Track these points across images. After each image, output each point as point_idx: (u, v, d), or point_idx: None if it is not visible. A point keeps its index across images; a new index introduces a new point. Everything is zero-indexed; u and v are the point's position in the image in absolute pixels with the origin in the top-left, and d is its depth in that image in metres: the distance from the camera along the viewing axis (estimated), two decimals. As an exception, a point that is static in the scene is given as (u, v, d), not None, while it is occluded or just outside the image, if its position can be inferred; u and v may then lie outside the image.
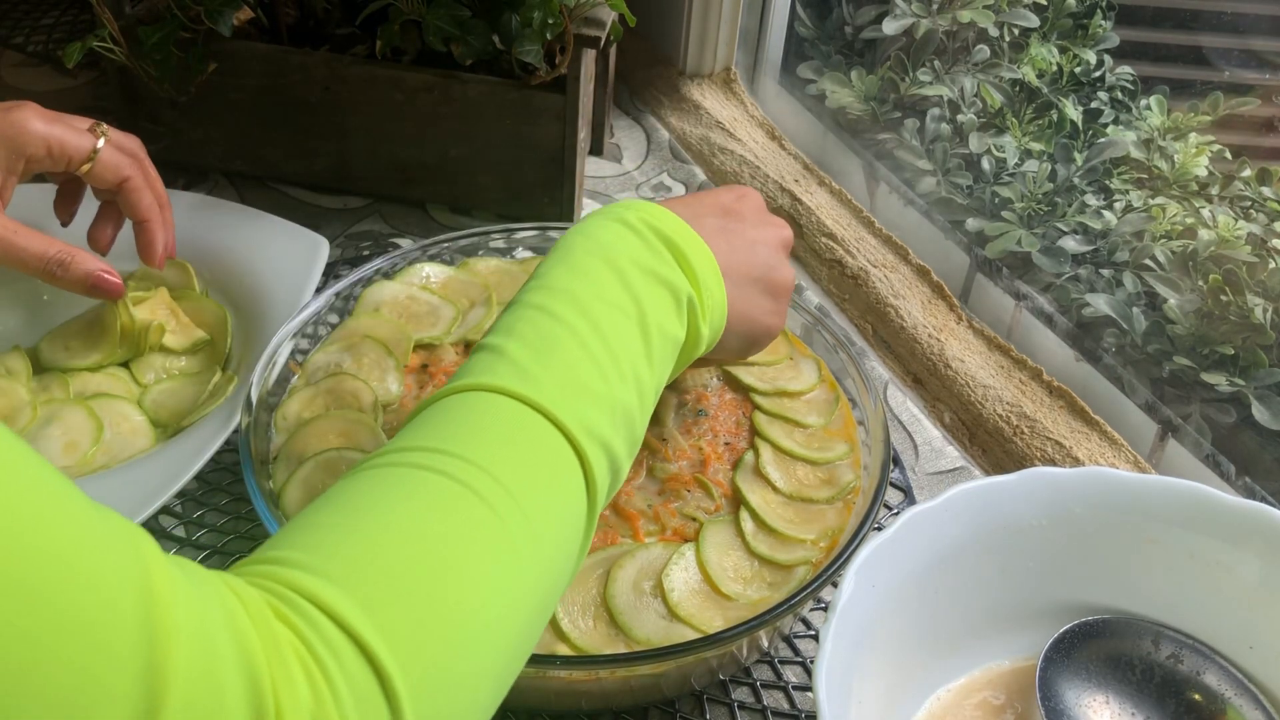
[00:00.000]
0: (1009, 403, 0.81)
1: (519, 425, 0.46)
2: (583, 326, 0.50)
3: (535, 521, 0.43)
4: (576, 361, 0.49)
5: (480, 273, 0.80)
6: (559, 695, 0.60)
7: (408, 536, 0.40)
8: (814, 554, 0.64)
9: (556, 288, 0.52)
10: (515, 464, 0.44)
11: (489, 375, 0.47)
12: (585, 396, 0.48)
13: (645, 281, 0.53)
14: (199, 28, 0.86)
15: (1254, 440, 0.76)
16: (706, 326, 0.56)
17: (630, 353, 0.51)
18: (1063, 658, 0.58)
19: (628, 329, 0.51)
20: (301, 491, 0.64)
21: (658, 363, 0.52)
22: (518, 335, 0.49)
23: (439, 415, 0.46)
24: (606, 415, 0.48)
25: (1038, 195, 0.92)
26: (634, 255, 0.54)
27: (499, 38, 0.85)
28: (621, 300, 0.52)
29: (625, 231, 0.55)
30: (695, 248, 0.56)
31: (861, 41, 1.08)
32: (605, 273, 0.52)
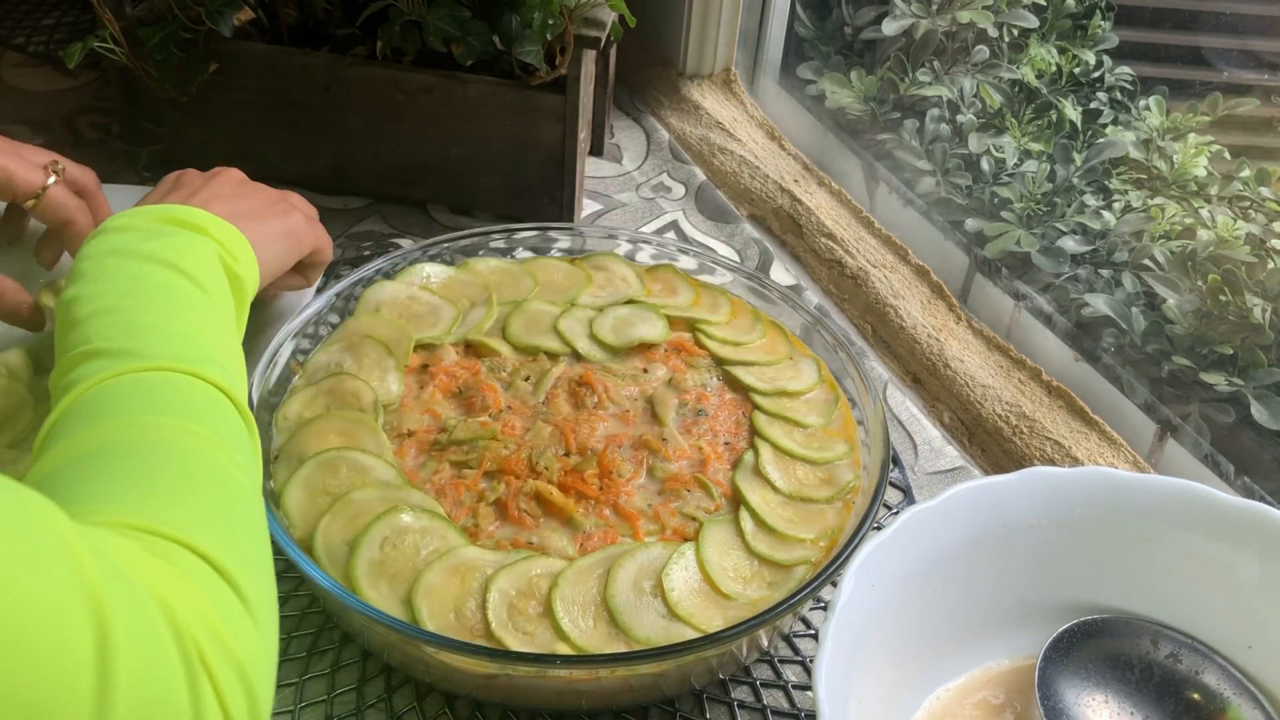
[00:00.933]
0: (1008, 402, 0.81)
1: (163, 383, 0.52)
2: (135, 301, 0.55)
3: (227, 441, 0.51)
4: (151, 324, 0.54)
5: (480, 273, 0.80)
6: (559, 695, 0.60)
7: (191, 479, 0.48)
8: (814, 553, 0.64)
9: (91, 295, 0.55)
10: (177, 409, 0.51)
11: (100, 372, 0.52)
12: (177, 341, 0.54)
13: (184, 257, 0.58)
14: (200, 28, 0.86)
15: (1253, 440, 0.76)
16: (243, 266, 0.62)
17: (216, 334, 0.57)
18: (1062, 657, 0.58)
19: (175, 283, 0.57)
20: (302, 491, 0.64)
21: (231, 321, 0.59)
22: (97, 338, 0.53)
23: (106, 399, 0.51)
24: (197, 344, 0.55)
25: (1037, 195, 0.92)
26: (163, 241, 0.59)
27: (499, 38, 0.86)
28: (152, 270, 0.57)
29: (122, 234, 0.59)
30: (189, 212, 0.61)
31: (861, 42, 1.08)
32: (127, 262, 0.57)
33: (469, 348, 0.75)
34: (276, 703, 0.61)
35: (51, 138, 1.03)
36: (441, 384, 0.72)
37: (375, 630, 0.58)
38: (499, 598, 0.59)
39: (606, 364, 0.74)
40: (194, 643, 0.40)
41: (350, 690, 0.62)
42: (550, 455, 0.67)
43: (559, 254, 0.84)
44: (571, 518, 0.64)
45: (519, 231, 0.82)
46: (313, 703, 0.61)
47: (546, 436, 0.68)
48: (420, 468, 0.67)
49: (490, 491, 0.65)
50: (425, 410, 0.70)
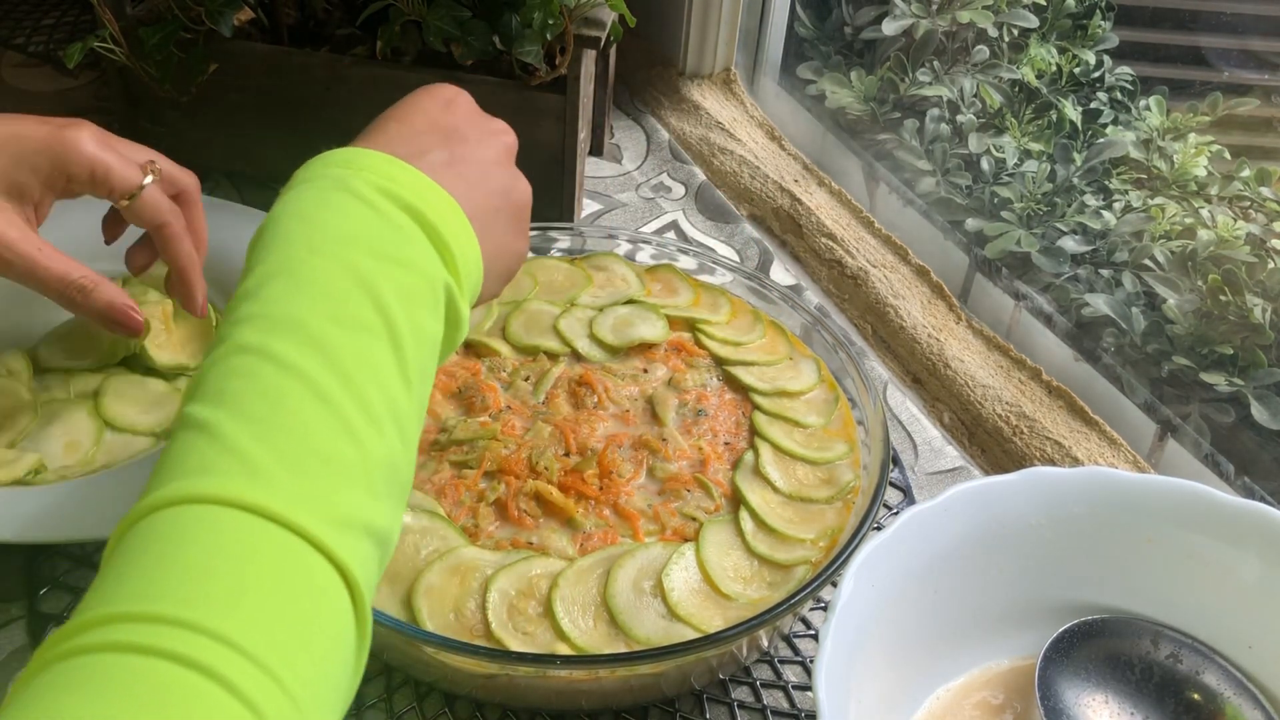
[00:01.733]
0: (1008, 402, 0.81)
1: (254, 552, 0.36)
2: (317, 369, 0.40)
3: (299, 695, 0.34)
4: (315, 429, 0.39)
5: (480, 273, 0.80)
6: (559, 695, 0.60)
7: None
8: (814, 554, 0.64)
9: (275, 315, 0.41)
10: (259, 616, 0.34)
11: (201, 476, 0.37)
12: (333, 477, 0.38)
13: (392, 275, 0.43)
14: (200, 28, 0.86)
15: (1253, 440, 0.76)
16: (465, 306, 0.47)
17: (383, 384, 0.41)
18: (1062, 657, 0.58)
19: (376, 352, 0.42)
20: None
21: (417, 379, 0.43)
22: (231, 402, 0.39)
23: (143, 550, 0.35)
24: (362, 488, 0.39)
25: (1037, 195, 0.92)
26: (372, 242, 0.44)
27: (499, 38, 0.86)
28: (363, 313, 0.42)
29: (356, 206, 0.45)
30: (442, 210, 0.46)
31: (861, 42, 1.08)
32: (338, 276, 0.42)
33: (469, 348, 0.75)
34: (276, 703, 0.61)
35: (51, 138, 1.03)
36: (441, 384, 0.72)
37: (375, 630, 0.58)
38: (499, 598, 0.59)
39: (606, 364, 0.74)
40: None
41: (350, 690, 0.62)
42: (550, 455, 0.67)
43: (559, 254, 0.84)
44: (571, 518, 0.64)
45: (519, 231, 0.82)
46: (312, 703, 0.61)
47: (546, 436, 0.68)
48: (420, 468, 0.67)
49: (490, 491, 0.65)
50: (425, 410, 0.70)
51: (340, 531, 0.38)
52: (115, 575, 0.35)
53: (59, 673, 0.31)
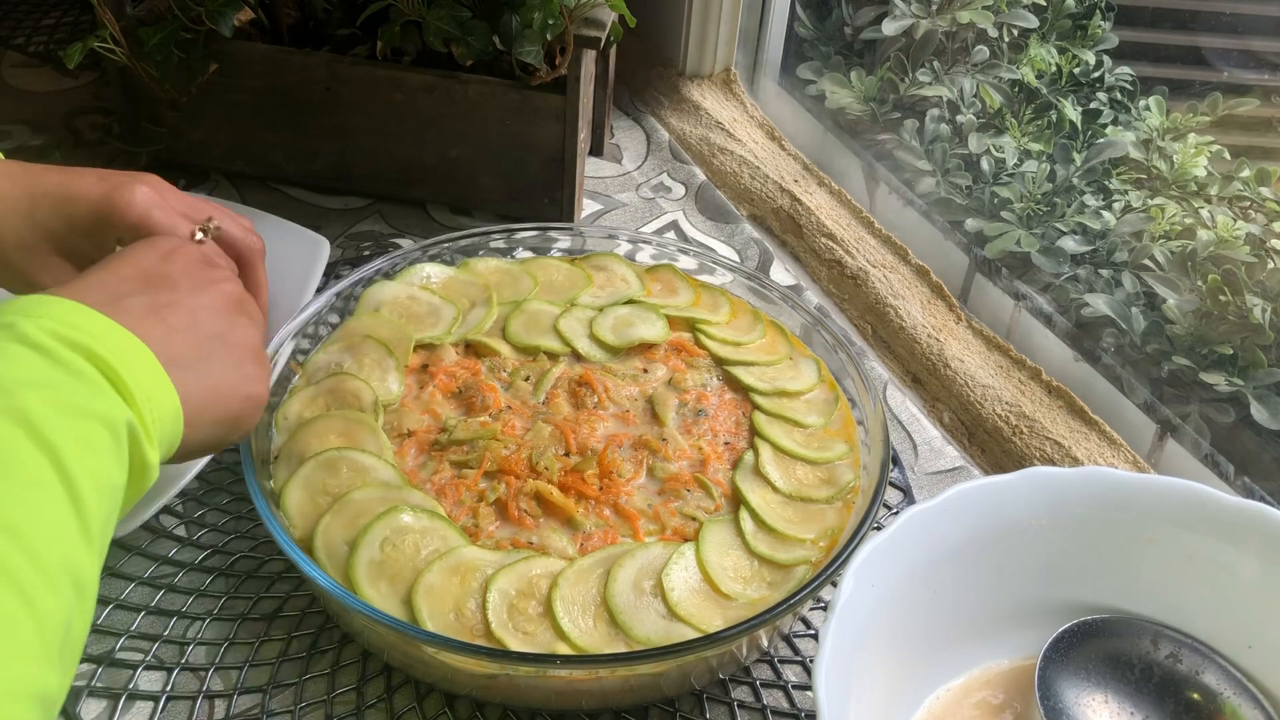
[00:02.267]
0: (1008, 402, 0.81)
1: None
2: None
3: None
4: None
5: (480, 273, 0.80)
6: (559, 695, 0.60)
7: None
8: (814, 553, 0.64)
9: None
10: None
11: None
12: (4, 647, 0.37)
13: (64, 423, 0.41)
14: (200, 28, 0.86)
15: (1253, 440, 0.76)
16: (155, 448, 0.46)
17: (58, 542, 0.40)
18: (1062, 657, 0.58)
19: (49, 508, 0.40)
20: (302, 491, 0.64)
21: (97, 530, 0.42)
22: None
23: None
24: (37, 655, 0.38)
25: (1037, 195, 0.92)
26: (43, 388, 0.42)
27: (499, 38, 0.86)
28: (34, 469, 0.40)
29: (26, 354, 0.43)
30: (124, 350, 0.45)
31: (861, 42, 1.08)
32: (6, 430, 0.40)
33: (469, 348, 0.75)
34: (277, 703, 0.61)
35: (51, 138, 1.03)
36: (441, 384, 0.72)
37: (375, 630, 0.58)
38: (499, 598, 0.59)
39: (606, 364, 0.74)
40: None
41: (350, 690, 0.62)
42: (550, 455, 0.67)
43: (559, 254, 0.84)
44: (571, 518, 0.64)
45: (519, 231, 0.82)
46: (313, 703, 0.61)
47: (546, 436, 0.68)
48: (420, 468, 0.67)
49: (490, 491, 0.65)
50: (425, 410, 0.70)
51: (10, 702, 0.37)
52: None
53: None
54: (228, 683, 0.62)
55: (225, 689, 0.62)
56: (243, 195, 0.96)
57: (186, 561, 0.68)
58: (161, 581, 0.67)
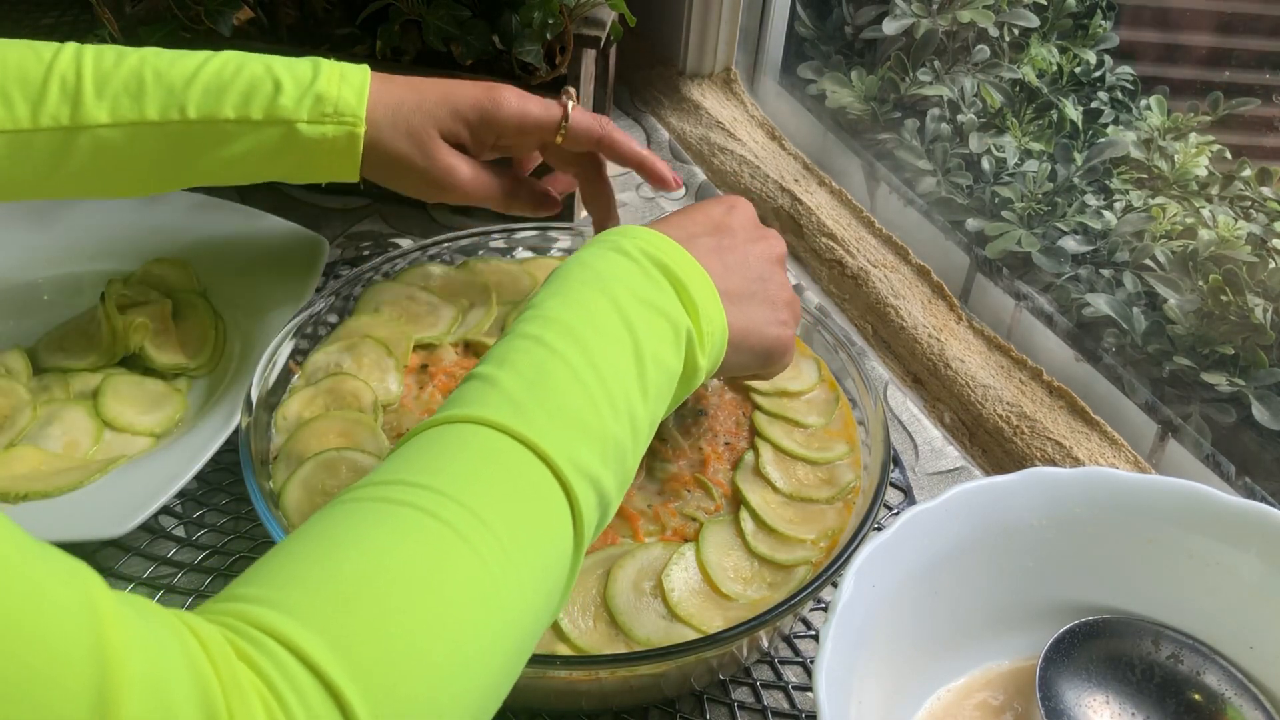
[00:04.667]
0: (1009, 403, 0.81)
1: (504, 460, 0.45)
2: (577, 358, 0.49)
3: (516, 559, 0.42)
4: (569, 394, 0.48)
5: (480, 273, 0.80)
6: (559, 695, 0.60)
7: (379, 573, 0.39)
8: (814, 554, 0.64)
9: (551, 318, 0.51)
10: (497, 499, 0.43)
11: (478, 406, 0.46)
12: (577, 431, 0.47)
13: (642, 312, 0.52)
14: (199, 28, 0.86)
15: (1254, 440, 0.76)
16: (705, 357, 0.55)
17: (625, 386, 0.50)
18: (1062, 658, 0.58)
19: (623, 362, 0.50)
20: (302, 491, 0.64)
21: (653, 396, 0.51)
22: (510, 365, 0.48)
23: (423, 447, 0.45)
24: (597, 451, 0.47)
25: (1038, 195, 0.92)
26: (631, 285, 0.53)
27: (499, 38, 0.85)
28: (617, 332, 0.51)
29: (622, 260, 0.54)
30: (692, 274, 0.55)
31: (861, 42, 1.08)
32: (601, 303, 0.52)
33: (469, 348, 0.75)
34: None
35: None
36: (441, 384, 0.72)
37: (375, 631, 0.58)
38: (499, 598, 0.59)
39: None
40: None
41: (350, 691, 0.62)
42: (550, 455, 0.67)
43: (559, 254, 0.83)
44: (571, 518, 0.64)
45: (519, 231, 0.82)
46: (312, 703, 0.61)
47: (546, 437, 0.68)
48: (420, 468, 0.67)
49: (490, 492, 0.65)
50: (425, 410, 0.70)
51: (574, 471, 0.46)
52: (395, 460, 0.45)
53: (347, 507, 0.42)
54: (227, 683, 0.62)
55: (224, 690, 0.61)
56: (242, 195, 0.96)
57: (186, 562, 0.68)
58: (160, 582, 0.67)
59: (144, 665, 0.32)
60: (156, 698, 0.32)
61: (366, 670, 0.36)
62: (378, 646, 0.37)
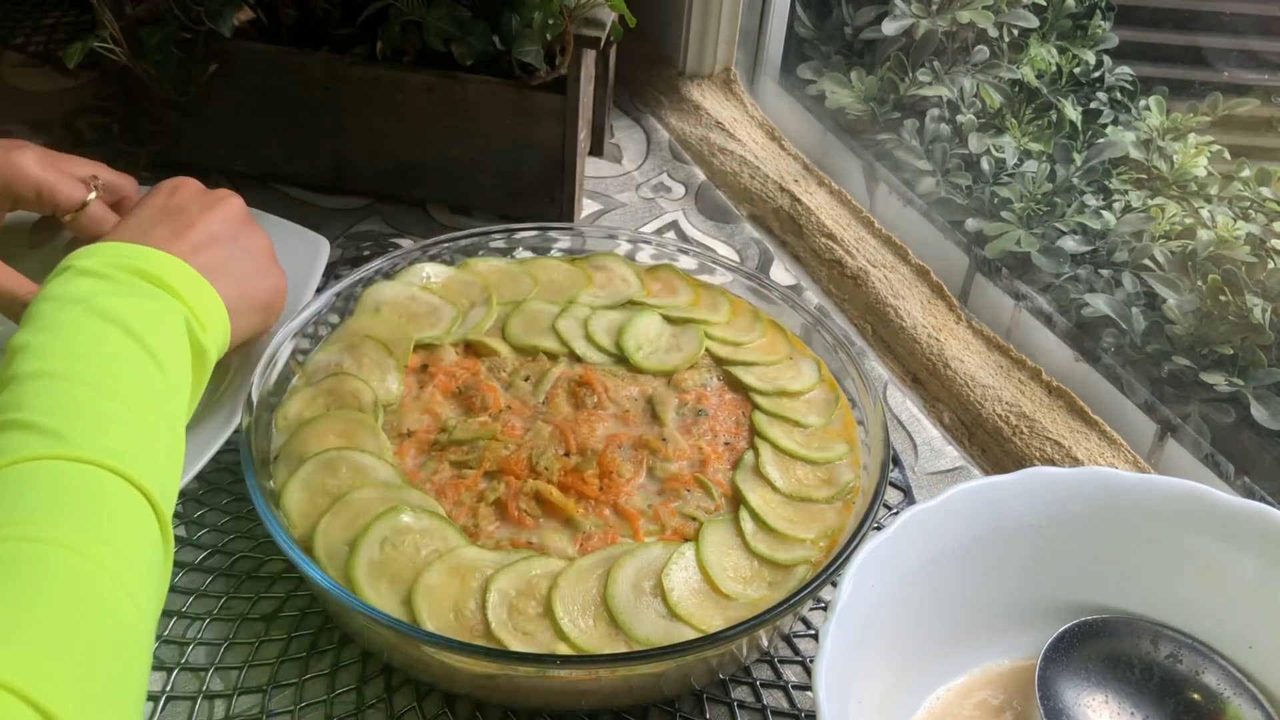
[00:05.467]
0: (1008, 402, 0.81)
1: (73, 482, 0.47)
2: (85, 369, 0.51)
3: (126, 565, 0.46)
4: (91, 402, 0.50)
5: (480, 273, 0.80)
6: (559, 695, 0.60)
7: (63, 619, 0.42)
8: (814, 554, 0.64)
9: (42, 349, 0.52)
10: (84, 518, 0.46)
11: (20, 450, 0.47)
12: (111, 429, 0.50)
13: (133, 310, 0.54)
14: (199, 28, 0.86)
15: (1253, 440, 0.76)
16: (209, 335, 0.58)
17: (140, 377, 0.53)
18: (1062, 657, 0.58)
19: (131, 354, 0.53)
20: (302, 491, 0.64)
21: (172, 369, 0.55)
22: (29, 407, 0.49)
23: (29, 487, 0.47)
24: (134, 436, 0.50)
25: (1037, 195, 0.92)
26: (114, 296, 0.55)
27: (499, 38, 0.86)
28: (110, 334, 0.53)
29: (91, 281, 0.55)
30: (165, 266, 0.57)
31: (861, 42, 1.08)
32: (87, 319, 0.53)
33: (469, 348, 0.75)
34: (277, 703, 0.61)
35: (51, 138, 1.03)
36: (441, 384, 0.72)
37: (375, 630, 0.58)
38: (499, 598, 0.59)
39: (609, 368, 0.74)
40: None
41: (350, 690, 0.62)
42: (550, 455, 0.67)
43: (559, 254, 0.84)
44: (571, 518, 0.64)
45: (519, 231, 0.82)
46: (313, 703, 0.61)
47: (546, 436, 0.68)
48: (420, 468, 0.67)
49: (490, 492, 0.65)
50: (425, 410, 0.70)
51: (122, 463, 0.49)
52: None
53: None
54: (227, 683, 0.62)
55: (225, 689, 0.62)
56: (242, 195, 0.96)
57: (186, 562, 0.68)
58: (161, 582, 0.67)
59: None
60: None
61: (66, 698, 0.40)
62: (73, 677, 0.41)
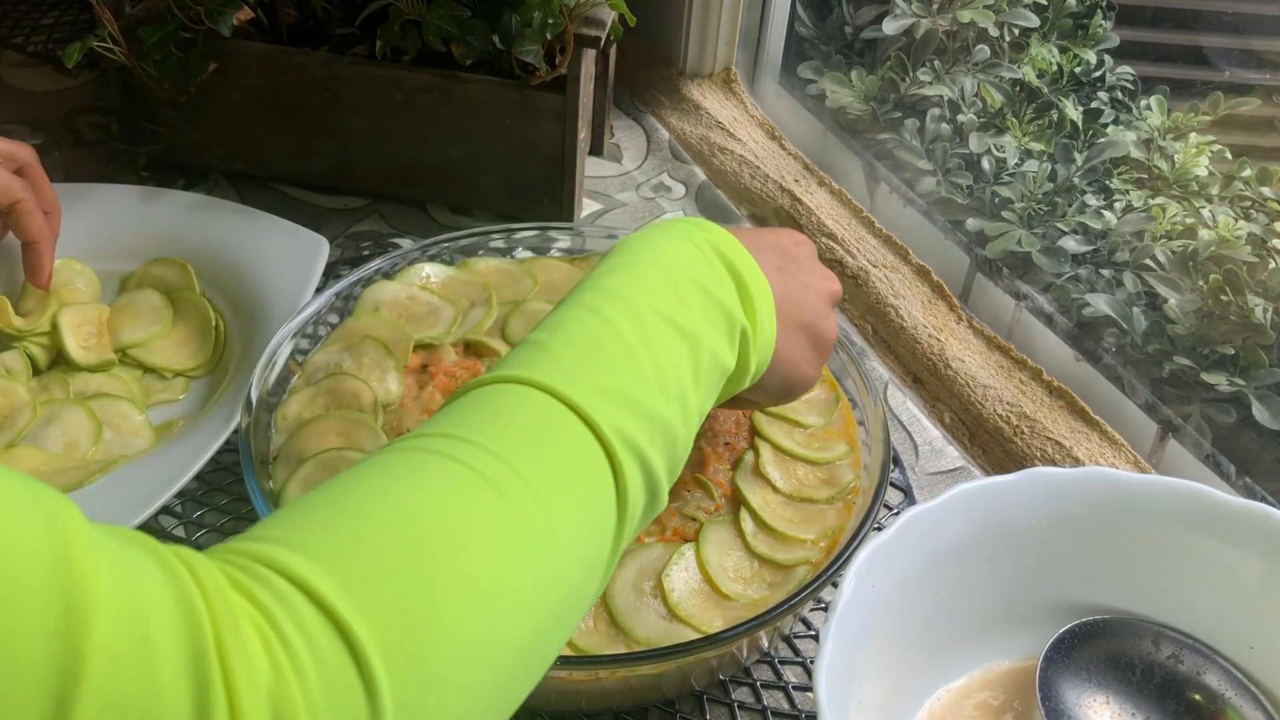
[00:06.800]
0: (1009, 403, 0.81)
1: (548, 420, 0.43)
2: (633, 335, 0.48)
3: (554, 516, 0.41)
4: (621, 368, 0.46)
5: (480, 273, 0.80)
6: (559, 695, 0.60)
7: (403, 516, 0.37)
8: (814, 554, 0.64)
9: (612, 291, 0.50)
10: (537, 456, 0.41)
11: (526, 368, 0.45)
12: (625, 404, 0.45)
13: (703, 302, 0.51)
14: (199, 28, 0.86)
15: (1254, 440, 0.76)
16: (754, 361, 0.54)
17: (678, 371, 0.48)
18: (1063, 658, 0.58)
19: (679, 346, 0.49)
20: (302, 491, 0.64)
21: (704, 386, 0.50)
22: (563, 332, 0.47)
23: (467, 404, 0.44)
24: (644, 427, 0.45)
25: (1038, 195, 0.92)
26: (695, 274, 0.52)
27: (499, 38, 0.85)
28: (677, 316, 0.50)
29: (689, 248, 0.53)
30: (755, 278, 0.54)
31: (861, 41, 1.08)
32: (664, 285, 0.51)
33: (469, 348, 0.75)
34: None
35: (51, 137, 1.03)
36: (441, 384, 0.72)
37: (374, 631, 0.57)
38: (498, 598, 0.59)
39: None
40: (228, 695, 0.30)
41: (349, 691, 0.62)
42: (550, 455, 0.67)
43: (559, 254, 0.83)
44: (571, 518, 0.64)
45: (519, 231, 0.82)
46: (312, 703, 0.61)
47: (546, 437, 0.68)
48: (420, 468, 0.67)
49: (490, 492, 0.65)
50: (425, 410, 0.70)
51: (620, 441, 0.44)
52: (439, 417, 0.44)
53: (381, 457, 0.41)
54: (227, 683, 0.62)
55: (224, 690, 0.61)
56: (242, 195, 0.96)
57: (185, 562, 0.68)
58: (160, 582, 0.67)
59: (117, 589, 0.29)
60: (132, 623, 0.29)
61: (379, 611, 0.33)
62: (393, 589, 0.34)
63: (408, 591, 0.35)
